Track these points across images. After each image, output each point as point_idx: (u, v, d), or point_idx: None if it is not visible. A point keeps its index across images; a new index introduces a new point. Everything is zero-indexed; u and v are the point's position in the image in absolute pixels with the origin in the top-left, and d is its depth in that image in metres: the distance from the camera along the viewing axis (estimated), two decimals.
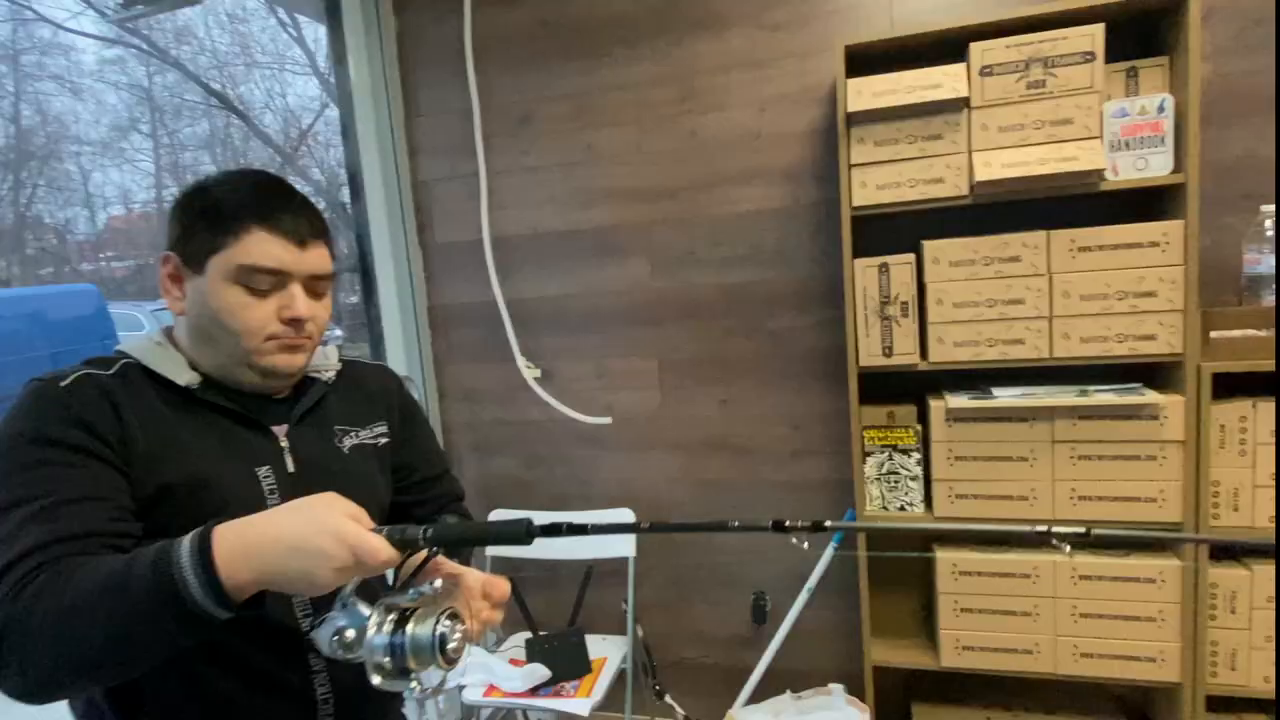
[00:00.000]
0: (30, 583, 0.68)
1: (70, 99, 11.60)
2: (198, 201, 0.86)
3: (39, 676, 0.67)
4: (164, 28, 9.87)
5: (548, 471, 2.34)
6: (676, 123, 2.09)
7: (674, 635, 2.31)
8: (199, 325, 0.87)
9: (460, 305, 2.36)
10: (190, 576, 0.65)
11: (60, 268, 12.85)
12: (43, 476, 0.75)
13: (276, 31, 10.23)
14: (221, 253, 0.83)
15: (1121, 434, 1.68)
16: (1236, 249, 1.72)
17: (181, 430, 0.85)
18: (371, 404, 1.06)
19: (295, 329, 0.88)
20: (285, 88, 10.29)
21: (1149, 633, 1.71)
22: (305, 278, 0.88)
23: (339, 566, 0.67)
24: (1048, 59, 1.63)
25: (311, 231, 0.88)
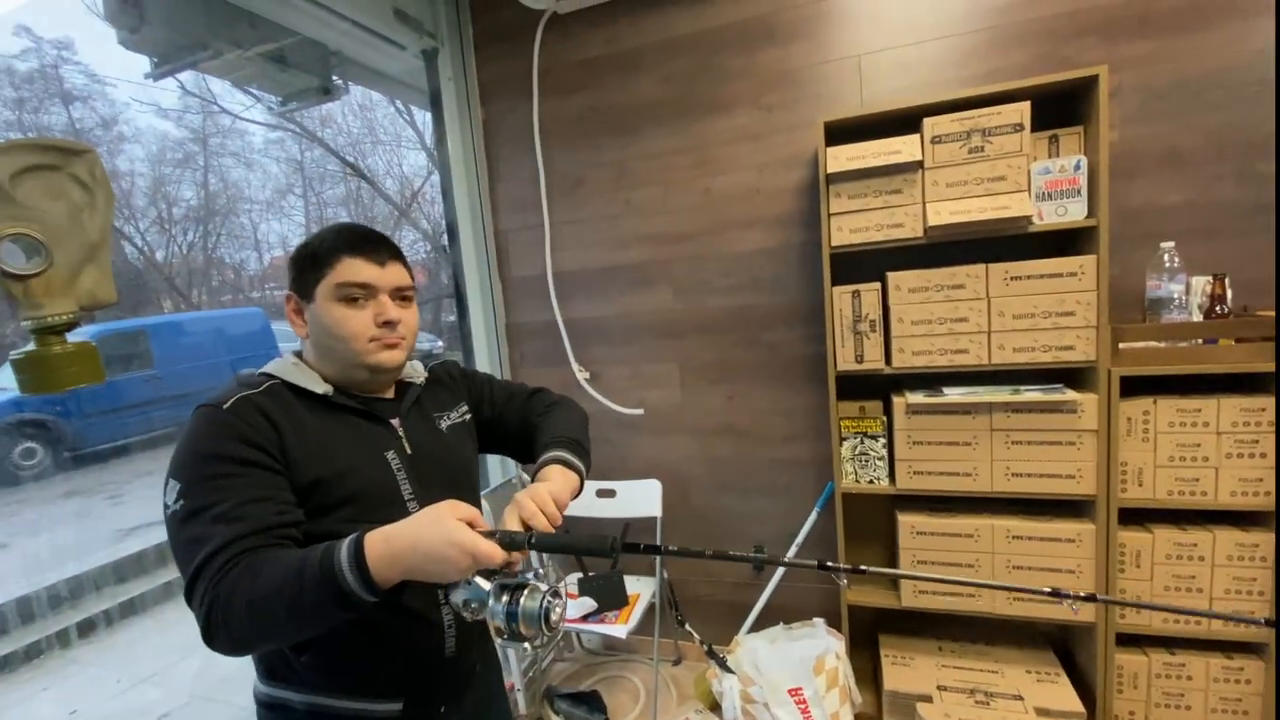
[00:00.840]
0: (228, 574, 0.71)
1: (244, 170, 12.04)
2: (304, 253, 0.89)
3: (241, 641, 0.72)
4: (312, 116, 10.21)
5: (595, 450, 2.31)
6: (694, 183, 2.09)
7: (692, 578, 2.30)
8: (319, 341, 0.89)
9: (530, 323, 2.39)
10: (349, 575, 0.69)
11: (236, 295, 13.31)
12: (221, 486, 0.76)
13: (394, 117, 10.52)
14: (324, 280, 0.86)
15: (1046, 424, 1.64)
16: (1140, 277, 1.67)
17: (323, 431, 0.86)
18: (452, 392, 1.07)
19: (389, 329, 0.89)
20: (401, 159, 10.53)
21: (1068, 582, 1.66)
22: (390, 290, 0.89)
23: (462, 568, 0.70)
24: (985, 129, 1.61)
25: (389, 254, 0.90)
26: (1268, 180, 1.61)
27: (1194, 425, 1.54)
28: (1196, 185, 1.67)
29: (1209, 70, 1.62)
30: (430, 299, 7.54)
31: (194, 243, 11.96)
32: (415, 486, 0.91)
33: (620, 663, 2.39)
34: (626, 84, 2.11)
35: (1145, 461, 1.59)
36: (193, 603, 0.73)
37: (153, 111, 11.82)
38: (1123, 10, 1.66)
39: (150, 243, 10.95)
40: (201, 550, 0.72)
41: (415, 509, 0.89)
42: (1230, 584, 1.54)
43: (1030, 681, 1.72)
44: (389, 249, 0.91)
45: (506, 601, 0.72)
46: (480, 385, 1.13)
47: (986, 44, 1.78)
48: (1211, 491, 1.54)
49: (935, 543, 1.76)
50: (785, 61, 1.96)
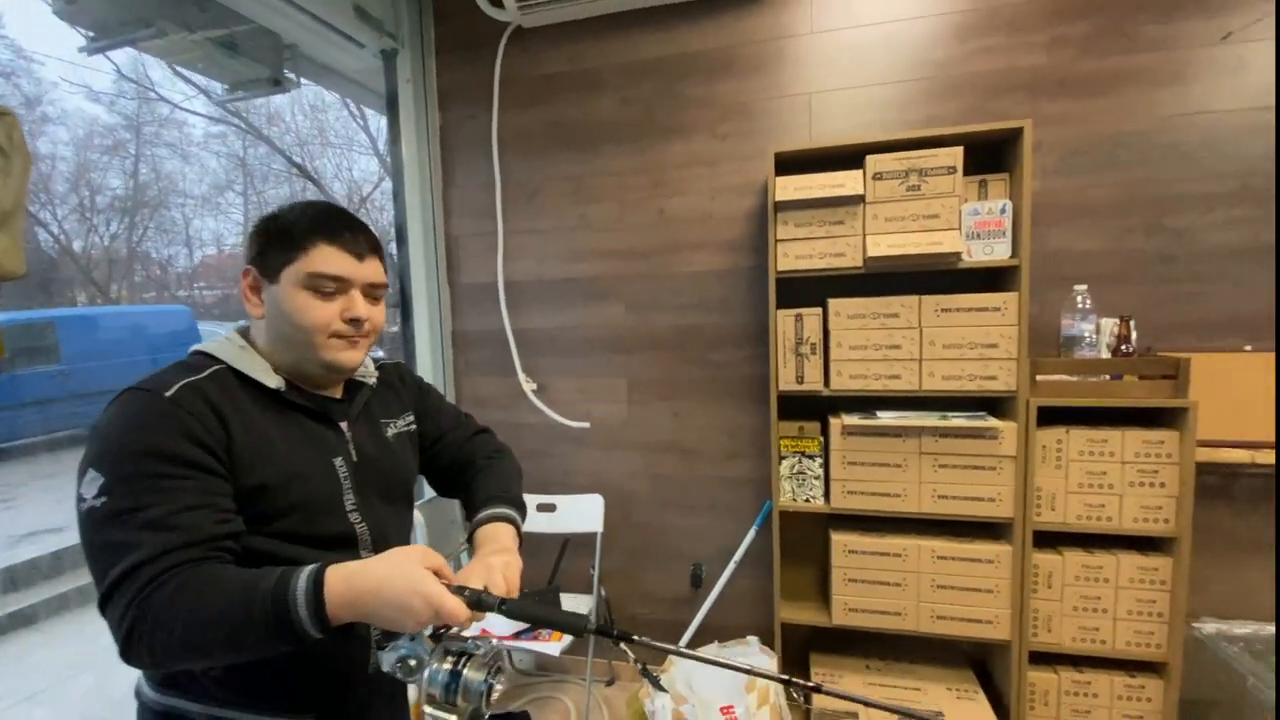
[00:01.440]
0: (157, 589, 0.65)
1: (180, 162, 11.46)
2: (272, 226, 0.82)
3: (163, 660, 0.67)
4: (259, 112, 9.85)
5: (539, 463, 2.33)
6: (649, 203, 2.13)
7: (629, 596, 2.29)
8: (275, 326, 0.82)
9: (477, 332, 2.36)
10: (303, 613, 0.65)
11: (161, 292, 12.55)
12: (157, 488, 0.68)
13: (347, 120, 10.29)
14: (293, 264, 0.79)
15: (970, 449, 1.73)
16: (1056, 316, 1.80)
17: (272, 430, 0.80)
18: (399, 398, 1.01)
19: (355, 327, 0.83)
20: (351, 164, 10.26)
21: (987, 601, 1.74)
22: (363, 285, 0.84)
23: (423, 620, 0.66)
24: (922, 170, 1.71)
25: (369, 247, 0.84)
26: (1172, 233, 1.77)
27: (1101, 455, 1.66)
28: (1108, 235, 1.82)
29: (1120, 131, 1.78)
30: None
31: (117, 234, 11.25)
32: (358, 497, 0.86)
33: (552, 684, 2.33)
34: (587, 102, 2.15)
35: (1058, 487, 1.70)
36: (109, 613, 0.67)
37: (83, 94, 11.11)
38: (1046, 72, 1.81)
39: (68, 231, 10.22)
40: (126, 558, 0.66)
41: (355, 520, 0.85)
42: (1133, 605, 1.65)
43: (951, 699, 1.78)
44: (369, 241, 0.85)
45: (449, 668, 0.68)
46: (430, 400, 1.08)
47: (926, 92, 1.90)
48: (1116, 517, 1.65)
49: (866, 561, 1.82)
50: (741, 94, 2.03)
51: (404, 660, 0.69)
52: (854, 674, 1.91)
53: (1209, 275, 1.76)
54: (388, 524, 0.90)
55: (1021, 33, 1.82)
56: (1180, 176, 1.76)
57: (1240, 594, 1.77)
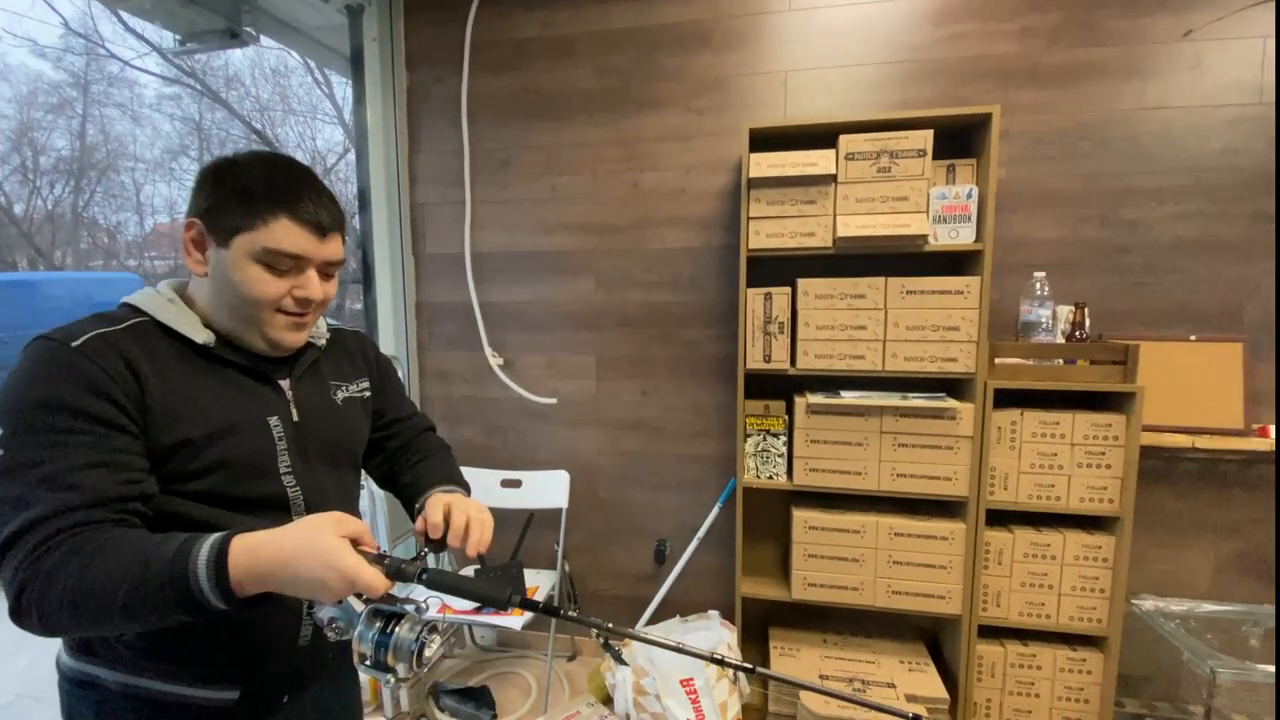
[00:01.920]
0: (50, 551, 0.61)
1: (130, 124, 10.87)
2: (229, 180, 0.74)
3: (53, 625, 0.63)
4: (217, 75, 9.39)
5: (504, 439, 2.30)
6: (622, 176, 2.10)
7: (592, 571, 2.29)
8: (218, 291, 0.76)
9: (442, 304, 2.30)
10: (204, 581, 0.61)
11: (109, 261, 11.97)
12: (57, 443, 0.64)
13: (311, 87, 9.89)
14: (248, 233, 0.73)
15: (929, 429, 1.76)
16: (1015, 301, 1.84)
17: (197, 385, 0.74)
18: (355, 363, 0.97)
19: (304, 306, 0.78)
20: (315, 133, 9.86)
21: (940, 577, 1.78)
22: (320, 263, 0.78)
23: (336, 593, 0.63)
24: (893, 151, 1.72)
25: (331, 223, 0.78)
26: (1126, 225, 1.82)
27: (1053, 436, 1.71)
28: (1066, 225, 1.86)
29: (1082, 123, 1.82)
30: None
31: (62, 198, 10.67)
32: (295, 459, 0.81)
33: (513, 659, 2.32)
34: (560, 69, 2.10)
35: (1011, 467, 1.75)
36: (1, 572, 0.62)
37: (27, 48, 10.44)
38: (1016, 61, 1.84)
39: (8, 193, 9.65)
40: (19, 516, 0.62)
41: (290, 484, 0.81)
42: (1077, 581, 1.71)
43: (903, 671, 1.83)
44: (332, 216, 0.78)
45: (379, 629, 0.67)
46: (392, 382, 1.04)
47: (900, 75, 1.91)
48: (1064, 497, 1.71)
49: (826, 537, 1.85)
50: (717, 68, 2.01)
51: (333, 622, 0.68)
52: (811, 648, 1.95)
53: (1159, 266, 1.82)
54: (328, 489, 0.86)
55: (994, 20, 1.84)
56: (1136, 170, 1.81)
57: (1178, 573, 1.86)
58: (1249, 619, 1.72)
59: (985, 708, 1.80)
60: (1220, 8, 1.69)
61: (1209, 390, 1.77)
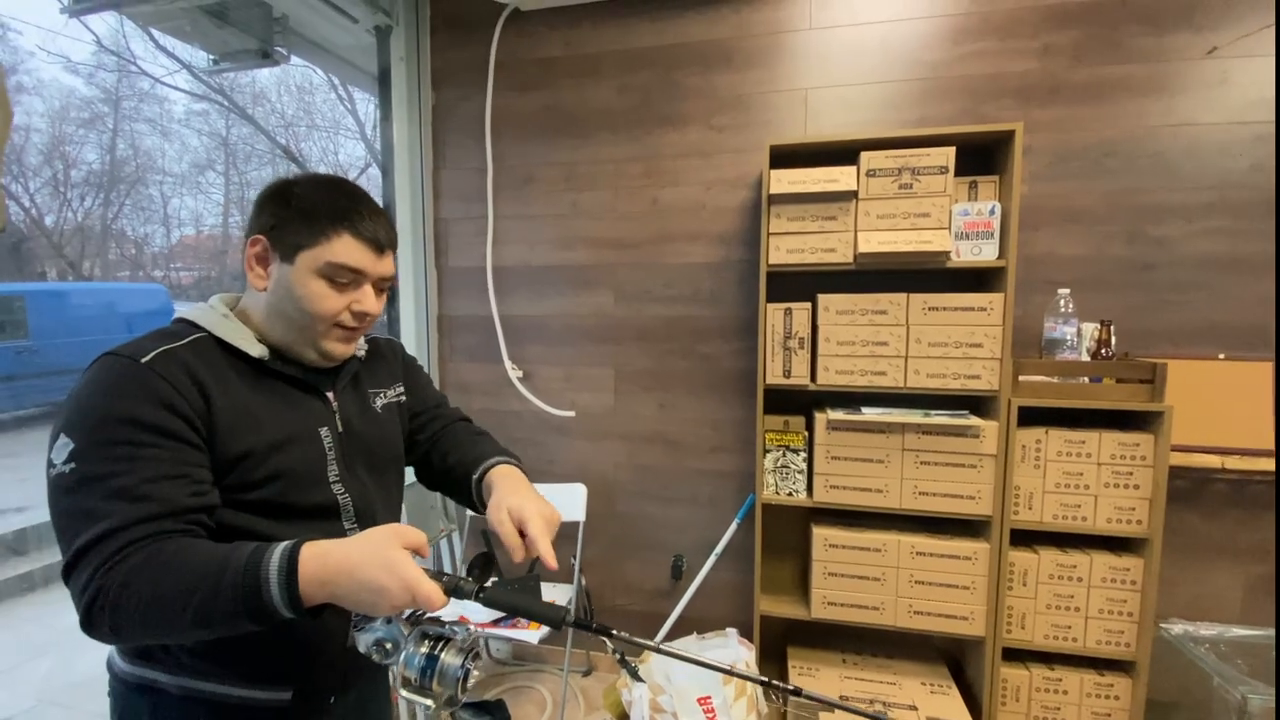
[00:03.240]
0: (123, 560, 0.63)
1: (159, 139, 11.16)
2: (294, 200, 0.77)
3: (125, 634, 0.64)
4: (244, 91, 9.62)
5: (522, 451, 2.26)
6: (642, 192, 2.12)
7: (609, 586, 2.28)
8: (278, 305, 0.79)
9: (464, 316, 2.33)
10: (275, 590, 0.62)
11: (136, 272, 12.24)
12: (130, 455, 0.65)
13: (335, 103, 10.09)
14: (312, 249, 0.76)
15: (952, 446, 1.74)
16: (1039, 319, 1.82)
17: (254, 399, 0.77)
18: (390, 369, 1.00)
19: (359, 320, 0.81)
20: (338, 148, 10.02)
21: (964, 598, 1.76)
22: (377, 279, 0.81)
23: (398, 604, 0.63)
24: (915, 168, 1.72)
25: (388, 241, 0.82)
26: (1153, 242, 1.80)
27: (1078, 455, 1.69)
28: (1090, 241, 1.85)
29: (1107, 140, 1.81)
30: None
31: (91, 210, 10.95)
32: (342, 468, 0.84)
33: (528, 673, 2.31)
34: (583, 88, 2.13)
35: (1035, 487, 1.72)
36: (73, 583, 0.64)
37: (60, 64, 10.78)
38: (1038, 78, 1.84)
39: (40, 205, 9.92)
40: (94, 527, 0.63)
41: (339, 491, 0.83)
42: (1104, 604, 1.68)
43: (925, 693, 1.80)
44: (388, 235, 0.82)
45: (425, 653, 0.66)
46: (419, 377, 1.06)
47: (919, 93, 1.92)
48: (1091, 518, 1.68)
49: (846, 555, 1.83)
50: (739, 87, 2.03)
51: (380, 643, 0.67)
52: (830, 668, 1.92)
53: (1186, 284, 1.80)
54: (373, 496, 0.89)
55: (1014, 38, 1.84)
56: (1162, 186, 1.79)
57: (1207, 596, 1.81)
58: None
59: None
60: (1244, 26, 1.68)
61: (1238, 410, 1.74)
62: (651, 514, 2.21)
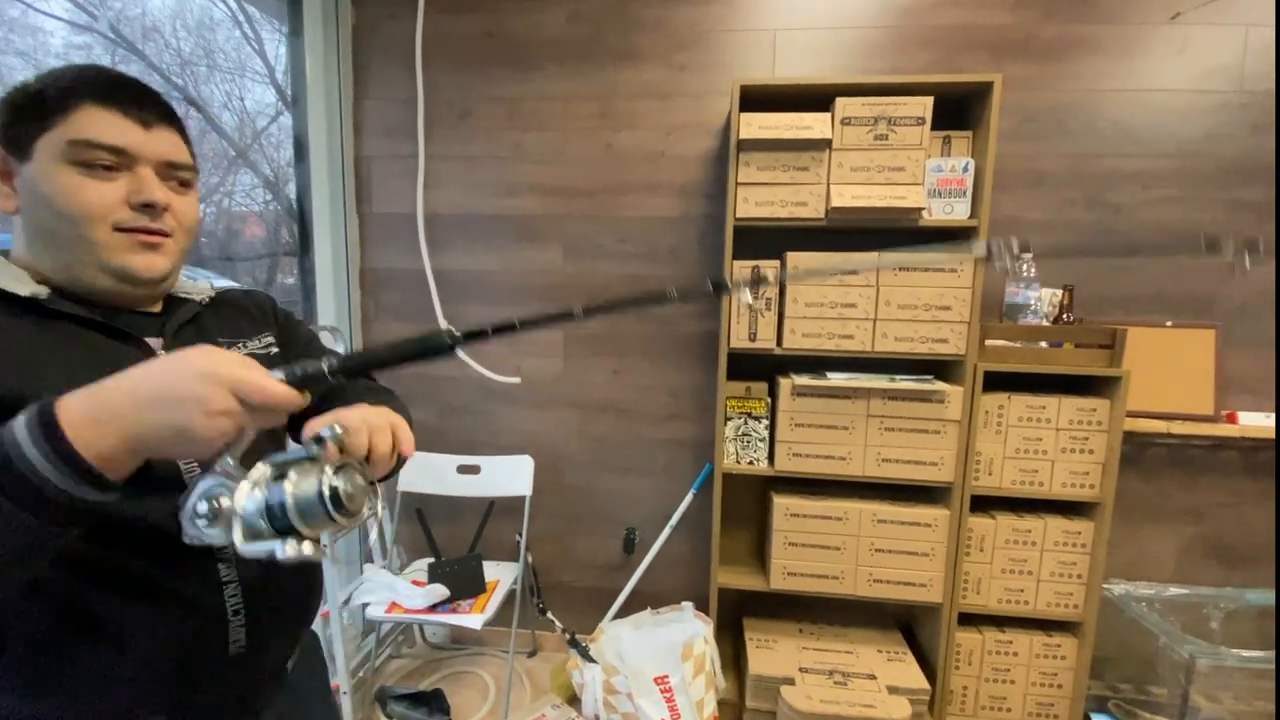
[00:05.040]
0: None
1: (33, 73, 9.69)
2: (21, 93, 0.60)
3: None
4: (133, 23, 8.45)
5: (459, 421, 2.10)
6: (595, 135, 1.92)
7: (557, 562, 2.13)
8: (35, 220, 0.60)
9: (390, 270, 2.06)
10: (35, 453, 0.42)
11: None
12: None
13: (241, 43, 9.04)
14: (50, 132, 0.58)
15: (916, 412, 1.69)
16: (1001, 283, 1.78)
17: (29, 347, 0.57)
18: (252, 319, 0.79)
19: (150, 216, 0.61)
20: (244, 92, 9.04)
21: (923, 565, 1.73)
22: (157, 163, 0.62)
23: (218, 410, 0.45)
24: (891, 118, 1.62)
25: (158, 115, 0.63)
26: (1111, 207, 1.79)
27: (1038, 421, 1.67)
28: (1053, 205, 1.82)
29: (1070, 102, 1.77)
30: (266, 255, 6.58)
31: None
32: None
33: (468, 657, 2.15)
34: (529, 13, 1.88)
35: (996, 453, 1.70)
36: None
37: None
38: (1011, 31, 1.76)
39: None
40: None
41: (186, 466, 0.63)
42: (1056, 567, 1.69)
43: (882, 661, 1.78)
44: (156, 105, 0.63)
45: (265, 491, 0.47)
46: (294, 330, 0.84)
47: (892, 41, 1.80)
48: (1047, 482, 1.68)
49: (807, 524, 1.76)
50: (700, 23, 1.85)
51: (213, 500, 0.47)
52: (788, 638, 1.87)
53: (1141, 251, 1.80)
54: None
55: None
56: (1121, 152, 1.78)
57: (1145, 557, 1.87)
58: (1210, 602, 1.75)
59: (962, 695, 1.77)
60: None
61: (1182, 376, 1.78)
62: (603, 486, 2.07)
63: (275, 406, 0.47)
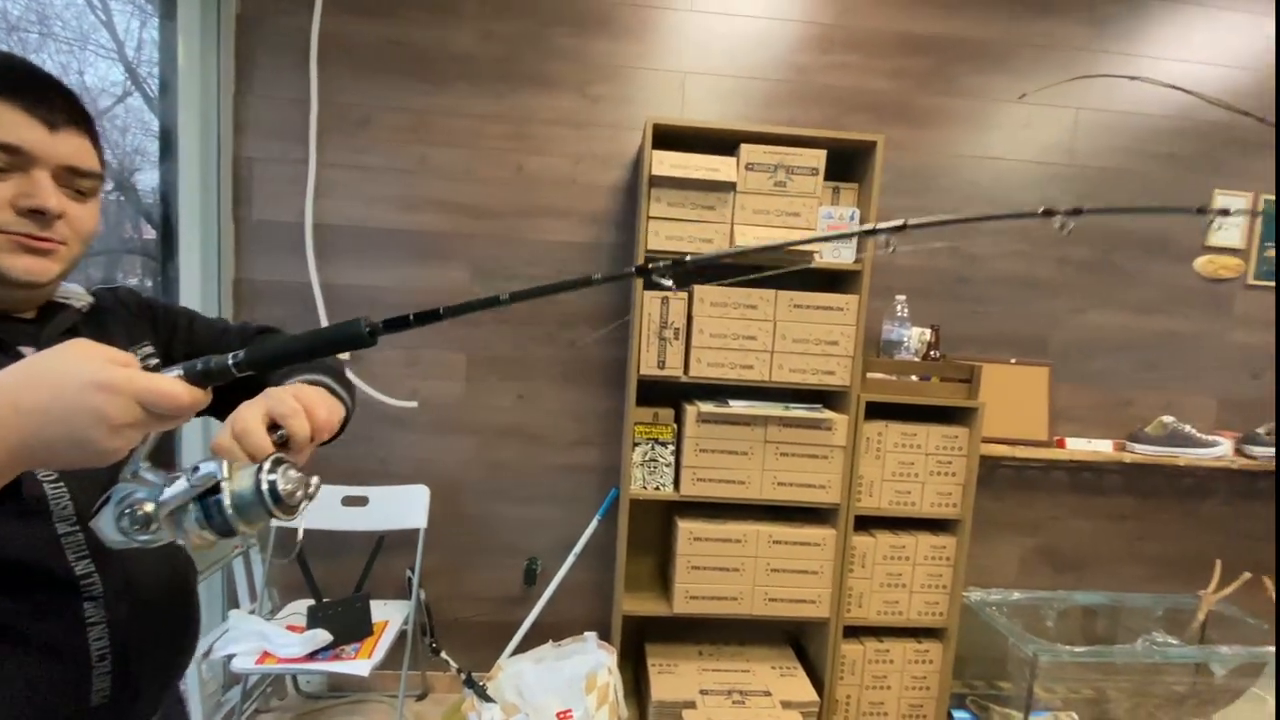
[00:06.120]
0: None
1: None
2: None
3: None
4: None
5: (345, 449, 1.91)
6: (507, 156, 1.90)
7: (453, 597, 2.03)
8: None
9: (271, 283, 1.90)
10: None
11: None
12: None
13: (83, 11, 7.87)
14: None
15: (808, 439, 1.82)
16: (879, 321, 1.98)
17: None
18: (127, 328, 0.73)
19: (38, 224, 0.57)
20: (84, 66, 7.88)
21: (812, 582, 1.85)
22: (57, 167, 0.58)
23: (122, 423, 0.41)
24: (790, 167, 1.75)
25: (68, 116, 0.58)
26: (968, 258, 2.06)
27: (911, 447, 1.87)
28: (923, 253, 2.06)
29: (939, 163, 2.02)
30: (101, 251, 5.76)
31: None
32: None
33: (349, 705, 1.99)
34: (440, 26, 1.85)
35: (875, 475, 1.87)
36: None
37: None
38: (891, 96, 1.99)
39: None
40: None
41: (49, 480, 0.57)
42: (925, 579, 1.88)
43: (775, 677, 1.88)
44: (68, 106, 0.59)
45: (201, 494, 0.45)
46: (172, 318, 0.79)
47: (789, 94, 1.97)
48: (918, 502, 1.88)
49: (709, 548, 1.83)
50: (615, 57, 1.91)
51: (135, 507, 0.44)
52: (688, 661, 1.92)
53: (990, 297, 2.09)
54: (107, 487, 0.62)
55: (873, 57, 1.97)
56: (977, 210, 2.05)
57: (994, 566, 2.14)
58: (1046, 604, 2.03)
59: (845, 704, 1.91)
60: (1048, 78, 1.98)
61: (1023, 407, 2.07)
62: (504, 515, 2.02)
63: (182, 412, 0.44)
